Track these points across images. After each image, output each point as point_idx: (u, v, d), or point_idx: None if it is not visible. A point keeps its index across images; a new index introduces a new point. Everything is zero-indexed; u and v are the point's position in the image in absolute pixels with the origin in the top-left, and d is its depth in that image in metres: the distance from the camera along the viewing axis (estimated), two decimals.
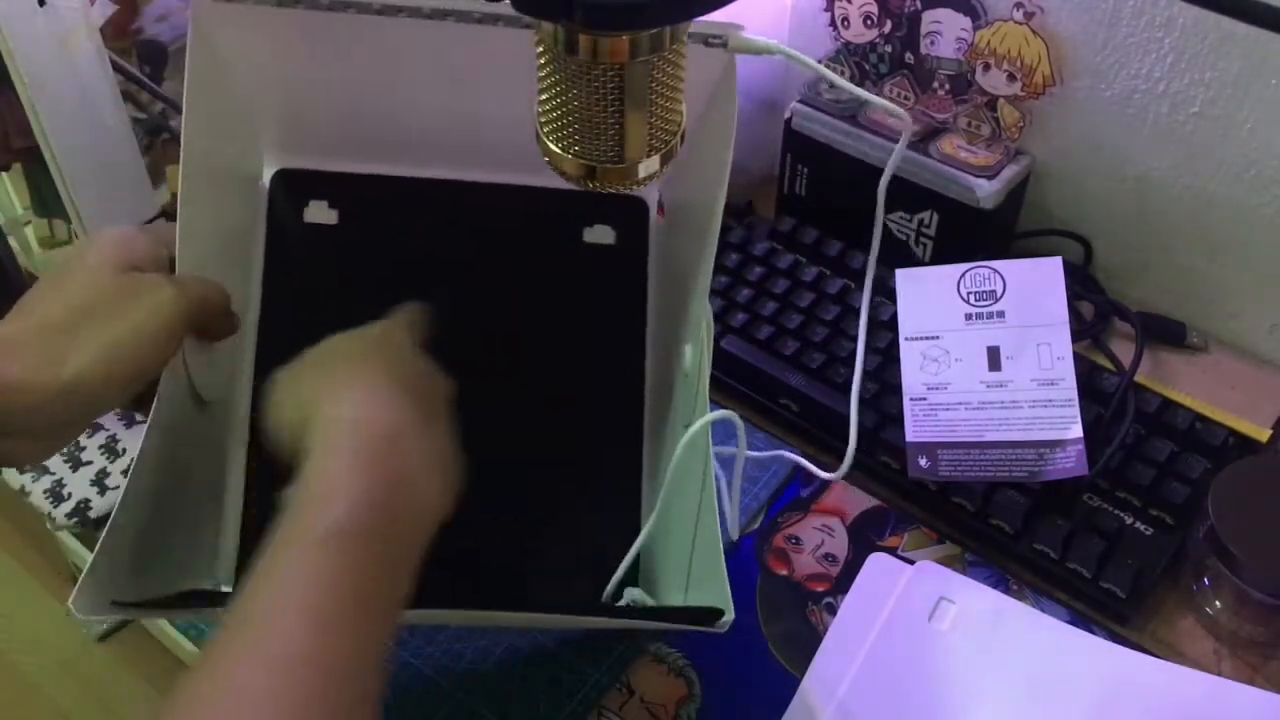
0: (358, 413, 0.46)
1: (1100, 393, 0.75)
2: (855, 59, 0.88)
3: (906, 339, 0.76)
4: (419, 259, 0.68)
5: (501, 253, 0.68)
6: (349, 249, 0.68)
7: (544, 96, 0.47)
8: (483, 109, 0.61)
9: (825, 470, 0.70)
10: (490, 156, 0.65)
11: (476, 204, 0.68)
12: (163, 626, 0.76)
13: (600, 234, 0.68)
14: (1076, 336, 0.75)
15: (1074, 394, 0.71)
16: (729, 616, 0.52)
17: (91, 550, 0.50)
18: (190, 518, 0.62)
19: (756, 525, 0.73)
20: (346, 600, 0.41)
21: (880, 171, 0.68)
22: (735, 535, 0.70)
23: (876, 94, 0.88)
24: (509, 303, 0.68)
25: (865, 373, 0.78)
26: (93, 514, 0.79)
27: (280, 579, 0.41)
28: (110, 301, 0.49)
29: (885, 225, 0.86)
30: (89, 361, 0.47)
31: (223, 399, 0.64)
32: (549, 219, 0.67)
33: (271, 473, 0.46)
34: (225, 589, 0.63)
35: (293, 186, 0.68)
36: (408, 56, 0.61)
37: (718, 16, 0.42)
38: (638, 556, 0.60)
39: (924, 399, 0.73)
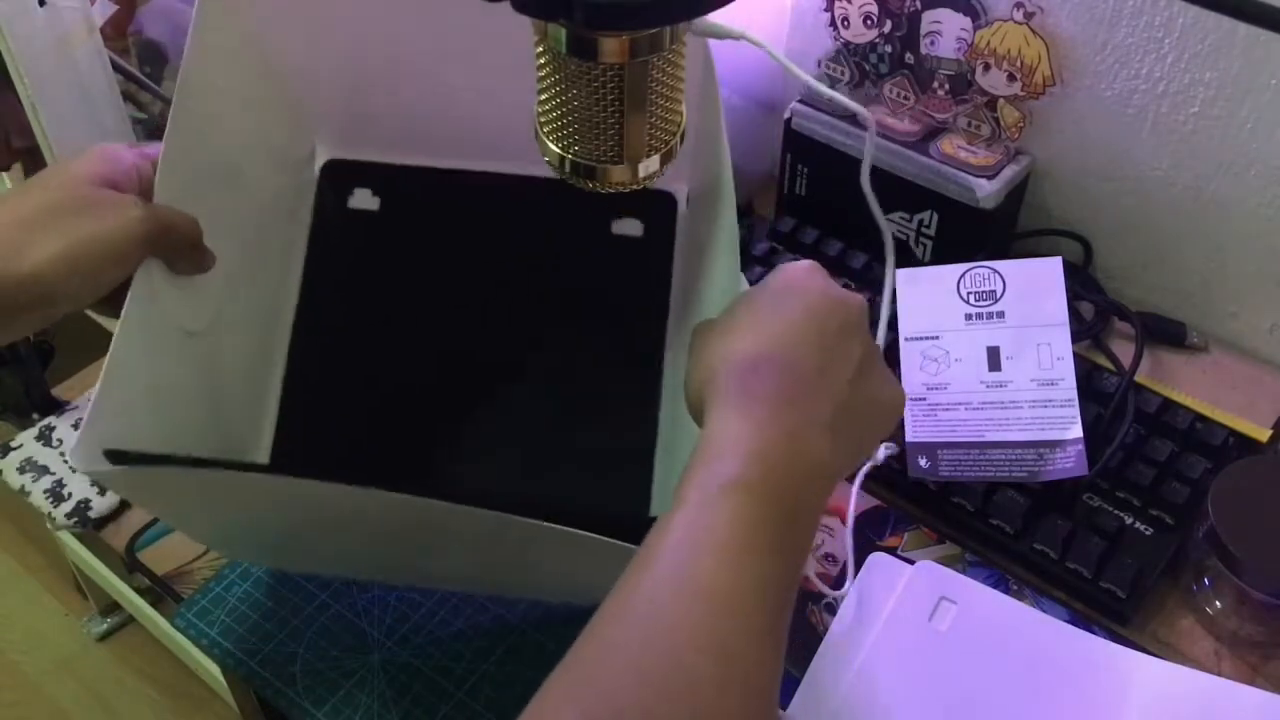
0: (748, 376, 0.46)
1: (1100, 393, 0.75)
2: (855, 59, 0.88)
3: (906, 339, 0.76)
4: (454, 247, 0.71)
5: (533, 242, 0.71)
6: (389, 235, 0.72)
7: (544, 96, 0.47)
8: (520, 100, 0.63)
9: None
10: (526, 150, 0.67)
11: (511, 195, 0.71)
12: (163, 627, 0.76)
13: (629, 226, 0.70)
14: (1076, 336, 0.75)
15: (1074, 394, 0.71)
16: None
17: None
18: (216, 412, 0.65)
19: None
20: (744, 544, 0.42)
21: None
22: None
23: (876, 94, 0.88)
24: (538, 290, 0.71)
25: None
26: (93, 514, 0.79)
27: (687, 522, 0.42)
28: (80, 207, 0.53)
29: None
30: (48, 257, 0.51)
31: (228, 340, 0.66)
32: (580, 211, 0.69)
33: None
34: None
35: (340, 175, 0.72)
36: (451, 48, 0.64)
37: (718, 16, 0.42)
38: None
39: (924, 399, 0.73)
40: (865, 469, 0.72)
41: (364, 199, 0.72)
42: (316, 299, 0.70)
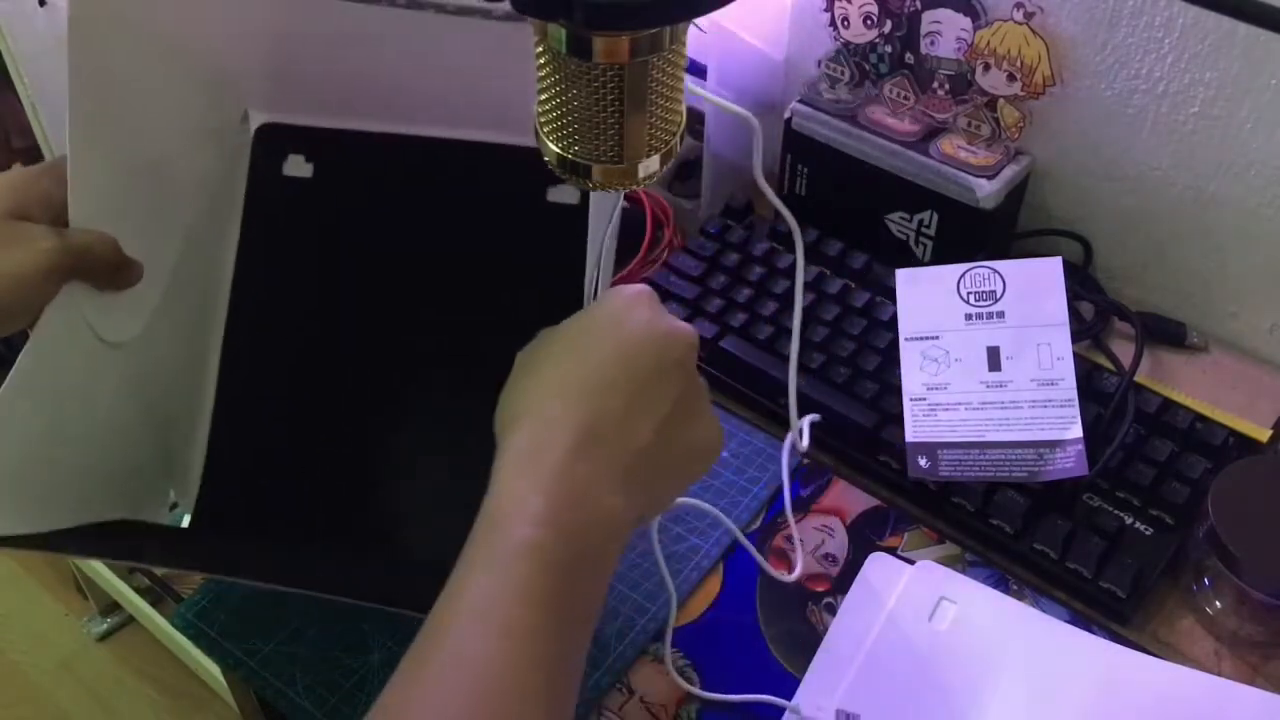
0: (542, 431, 0.45)
1: (1100, 393, 0.75)
2: (855, 59, 0.88)
3: (906, 339, 0.76)
4: (389, 212, 0.70)
5: (468, 208, 0.70)
6: (323, 202, 0.71)
7: (544, 96, 0.47)
8: (454, 64, 0.62)
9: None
10: (463, 114, 0.67)
11: (447, 161, 0.70)
12: (163, 627, 0.76)
13: (564, 194, 0.70)
14: (1076, 336, 0.75)
15: (1074, 394, 0.71)
16: None
17: None
18: (125, 455, 0.64)
19: (756, 525, 0.73)
20: (529, 615, 0.41)
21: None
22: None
23: (876, 94, 0.88)
24: (471, 256, 0.69)
25: (865, 372, 0.78)
26: None
27: (467, 591, 0.42)
28: None
29: (885, 225, 0.86)
30: None
31: (160, 341, 0.65)
32: (516, 177, 0.68)
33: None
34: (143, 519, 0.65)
35: (274, 141, 0.70)
36: (386, 14, 0.62)
37: (717, 17, 0.42)
38: None
39: (924, 399, 0.73)
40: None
41: (297, 165, 0.70)
42: (251, 276, 0.70)
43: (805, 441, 0.73)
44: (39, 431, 0.57)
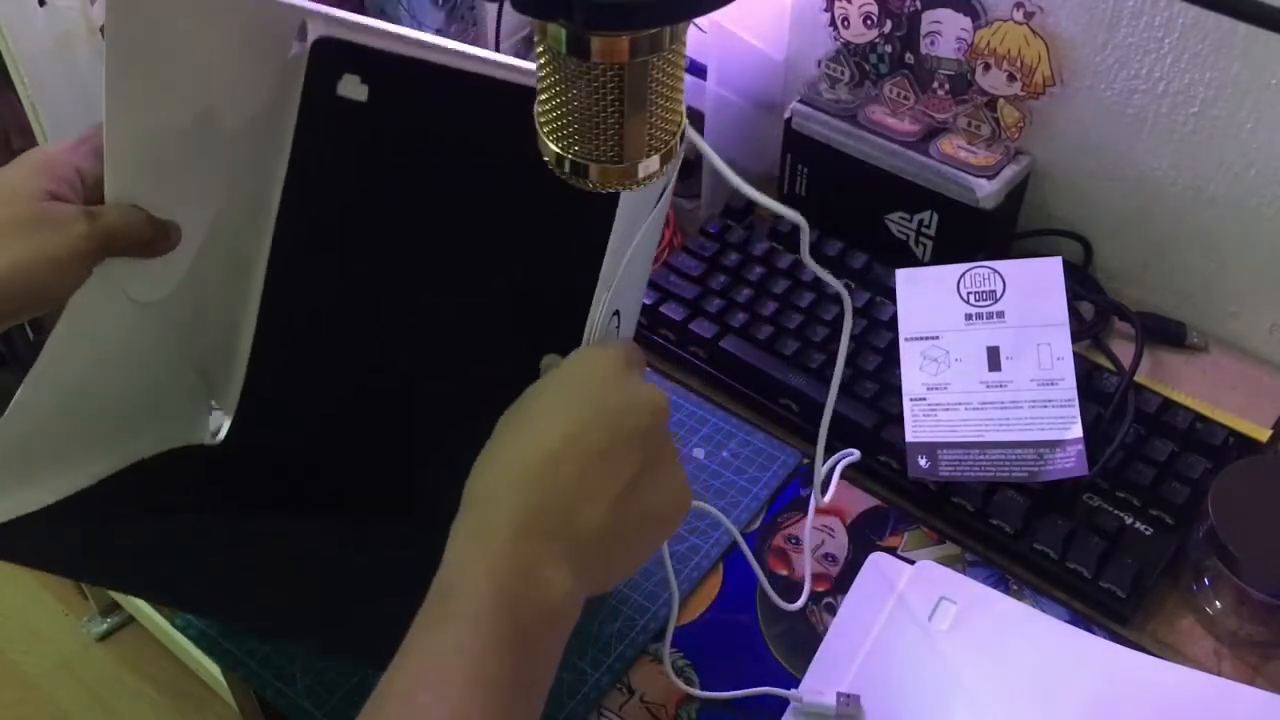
0: (490, 513, 0.45)
1: (1100, 393, 0.75)
2: (855, 59, 0.88)
3: (906, 339, 0.76)
4: (440, 152, 0.68)
5: (515, 155, 0.68)
6: (376, 127, 0.68)
7: (544, 96, 0.47)
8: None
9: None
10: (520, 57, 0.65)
11: (499, 98, 0.66)
12: (163, 626, 0.76)
13: None
14: (1076, 336, 0.75)
15: (1074, 394, 0.71)
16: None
17: None
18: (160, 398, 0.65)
19: (756, 525, 0.73)
20: (477, 691, 0.41)
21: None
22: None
23: (876, 94, 0.88)
24: (511, 204, 0.67)
25: (865, 372, 0.78)
26: None
27: (414, 668, 0.42)
28: (19, 229, 0.52)
29: (885, 225, 0.86)
30: None
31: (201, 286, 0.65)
32: None
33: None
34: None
35: (330, 57, 0.67)
36: None
37: (717, 17, 0.42)
38: None
39: (924, 399, 0.73)
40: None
41: (352, 87, 0.67)
42: (302, 192, 0.68)
43: (831, 491, 0.70)
44: (76, 388, 0.58)
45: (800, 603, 0.67)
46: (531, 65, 0.47)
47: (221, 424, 0.70)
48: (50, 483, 0.58)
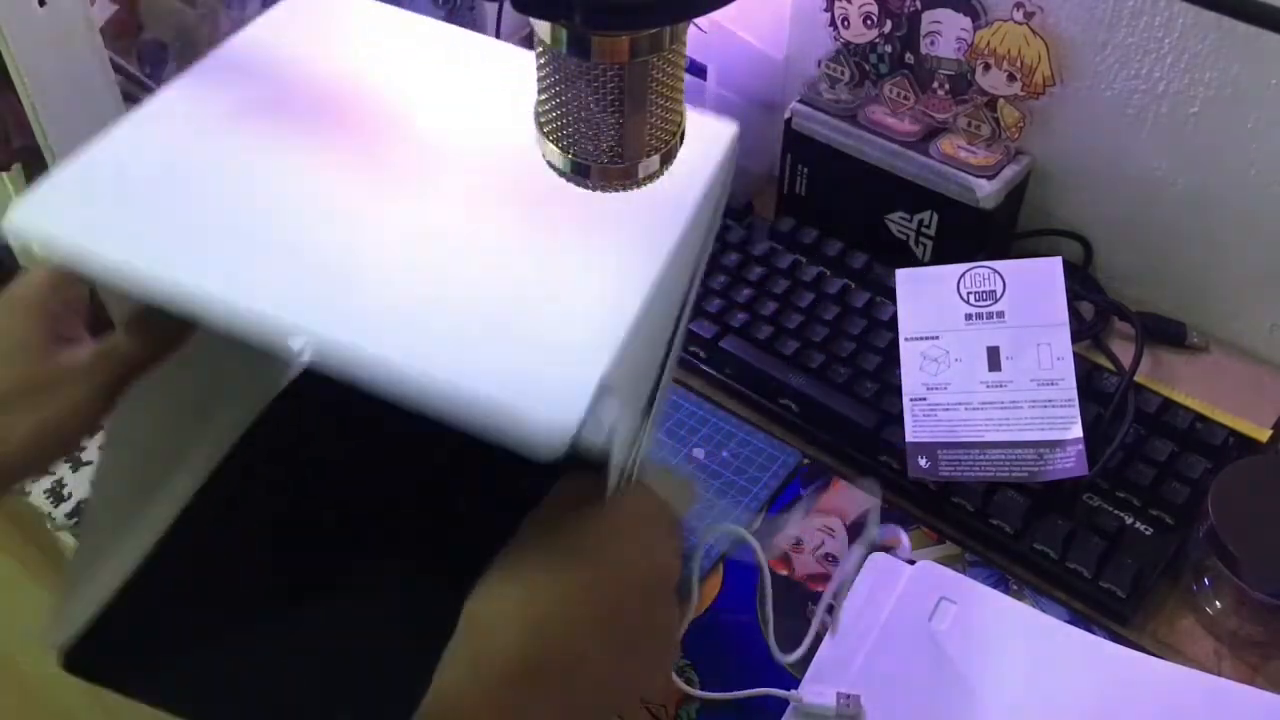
0: (489, 650, 0.43)
1: (1100, 393, 0.75)
2: (855, 59, 0.89)
3: (906, 339, 0.76)
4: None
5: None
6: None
7: (544, 96, 0.47)
8: None
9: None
10: None
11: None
12: None
13: None
14: (1076, 336, 0.75)
15: (1074, 394, 0.71)
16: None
17: None
18: None
19: (756, 525, 0.73)
20: None
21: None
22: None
23: (876, 94, 0.88)
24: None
25: (865, 372, 0.78)
26: None
27: None
28: (35, 393, 0.50)
29: (885, 225, 0.86)
30: (14, 449, 0.49)
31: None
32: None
33: None
34: None
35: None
36: None
37: (717, 17, 0.42)
38: None
39: (924, 399, 0.73)
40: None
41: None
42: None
43: (876, 529, 0.69)
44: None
45: (799, 652, 0.67)
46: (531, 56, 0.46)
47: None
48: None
